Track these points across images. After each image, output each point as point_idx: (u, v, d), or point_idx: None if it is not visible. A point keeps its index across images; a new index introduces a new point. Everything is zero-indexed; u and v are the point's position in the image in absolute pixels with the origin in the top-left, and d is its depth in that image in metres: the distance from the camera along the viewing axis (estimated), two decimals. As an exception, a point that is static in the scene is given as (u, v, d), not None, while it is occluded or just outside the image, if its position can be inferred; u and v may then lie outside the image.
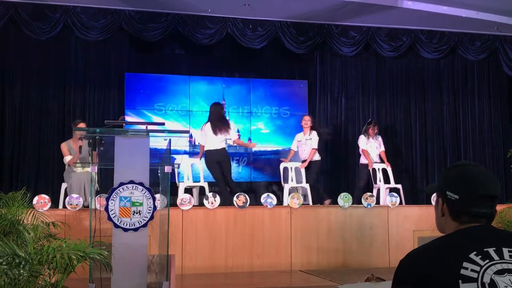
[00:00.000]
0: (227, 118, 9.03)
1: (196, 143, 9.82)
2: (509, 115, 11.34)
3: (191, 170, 8.45)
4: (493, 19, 9.89)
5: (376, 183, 8.96)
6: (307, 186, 8.66)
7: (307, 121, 8.96)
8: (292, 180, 8.62)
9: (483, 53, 10.73)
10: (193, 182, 8.37)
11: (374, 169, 9.04)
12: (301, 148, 8.98)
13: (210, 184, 8.51)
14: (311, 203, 8.46)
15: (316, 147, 8.90)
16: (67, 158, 7.49)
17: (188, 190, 8.18)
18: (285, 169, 8.87)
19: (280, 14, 9.63)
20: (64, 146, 7.64)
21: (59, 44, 9.67)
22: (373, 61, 11.05)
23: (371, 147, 9.17)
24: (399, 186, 8.89)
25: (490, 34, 10.57)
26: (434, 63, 11.12)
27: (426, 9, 9.51)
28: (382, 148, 9.25)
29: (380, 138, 9.31)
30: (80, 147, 7.29)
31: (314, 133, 8.94)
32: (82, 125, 7.46)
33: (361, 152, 9.23)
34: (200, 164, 8.52)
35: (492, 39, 10.65)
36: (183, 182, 8.17)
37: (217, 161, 8.05)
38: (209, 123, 8.11)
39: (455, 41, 10.56)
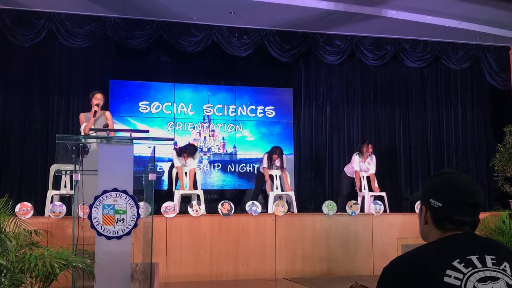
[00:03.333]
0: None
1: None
2: (492, 123, 11.45)
3: (189, 179, 8.32)
4: (476, 29, 10.00)
5: (360, 191, 8.97)
6: (292, 193, 8.66)
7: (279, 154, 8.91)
8: (277, 188, 8.62)
9: (466, 62, 10.84)
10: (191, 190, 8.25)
11: (359, 177, 9.04)
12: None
13: (205, 192, 8.51)
14: (295, 211, 8.46)
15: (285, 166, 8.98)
16: (83, 127, 7.21)
17: (186, 198, 8.11)
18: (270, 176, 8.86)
19: (265, 22, 9.66)
20: (82, 116, 7.41)
21: (43, 51, 9.61)
22: (358, 69, 11.11)
23: (361, 171, 9.10)
24: (383, 194, 8.92)
25: (473, 43, 10.69)
26: (418, 72, 11.21)
27: (410, 19, 9.60)
28: (373, 171, 9.12)
29: (374, 160, 9.19)
30: (95, 112, 7.14)
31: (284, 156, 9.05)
32: (98, 95, 7.32)
33: (353, 171, 9.15)
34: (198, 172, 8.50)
35: (475, 49, 10.77)
36: (179, 190, 8.08)
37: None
38: None
39: (439, 50, 10.66)
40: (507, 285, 1.64)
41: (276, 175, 8.71)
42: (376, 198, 8.70)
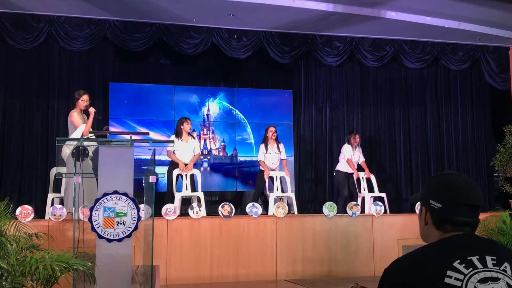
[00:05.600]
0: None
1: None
2: (492, 124, 11.45)
3: (189, 181, 8.32)
4: (475, 30, 10.00)
5: (360, 192, 8.99)
6: (292, 195, 8.67)
7: (274, 132, 8.98)
8: (277, 190, 8.62)
9: (465, 63, 10.84)
10: (191, 192, 8.23)
11: (358, 178, 9.08)
12: (268, 160, 8.95)
13: (206, 194, 8.54)
14: (296, 213, 8.46)
15: (285, 157, 9.10)
16: (80, 129, 6.95)
17: (186, 200, 8.13)
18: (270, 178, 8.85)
19: (264, 24, 9.67)
20: (76, 115, 7.08)
21: (42, 54, 9.62)
22: (357, 71, 11.12)
23: (354, 159, 9.23)
24: (383, 195, 8.93)
25: (472, 44, 10.69)
26: (417, 72, 11.21)
27: (409, 20, 9.60)
28: (363, 159, 9.38)
29: (360, 150, 9.41)
30: (96, 112, 7.08)
31: (281, 144, 9.09)
32: (86, 96, 7.25)
33: (345, 161, 9.25)
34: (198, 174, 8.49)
35: (474, 49, 10.77)
36: (181, 192, 8.08)
37: None
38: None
39: (438, 51, 10.66)
40: (507, 285, 1.64)
41: (276, 177, 8.71)
42: (376, 199, 8.70)
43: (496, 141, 10.78)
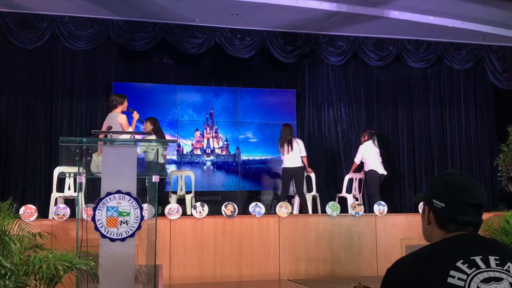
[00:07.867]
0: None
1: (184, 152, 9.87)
2: (495, 123, 11.43)
3: (184, 181, 8.37)
4: (479, 29, 9.99)
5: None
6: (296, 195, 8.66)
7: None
8: (307, 191, 8.63)
9: (469, 62, 10.82)
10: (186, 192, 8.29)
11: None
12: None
13: (209, 193, 8.61)
14: (297, 212, 8.45)
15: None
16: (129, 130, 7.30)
17: (180, 201, 8.16)
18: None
19: (268, 24, 9.67)
20: (125, 118, 7.46)
21: (46, 54, 9.64)
22: (361, 70, 11.10)
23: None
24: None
25: (476, 43, 10.67)
26: (420, 72, 11.19)
27: (413, 19, 9.60)
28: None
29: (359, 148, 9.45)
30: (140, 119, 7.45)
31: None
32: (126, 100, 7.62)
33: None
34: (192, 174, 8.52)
35: (478, 49, 10.75)
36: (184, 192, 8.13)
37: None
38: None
39: (441, 50, 10.65)
40: (510, 285, 1.64)
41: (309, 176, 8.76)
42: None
43: (499, 140, 10.76)
